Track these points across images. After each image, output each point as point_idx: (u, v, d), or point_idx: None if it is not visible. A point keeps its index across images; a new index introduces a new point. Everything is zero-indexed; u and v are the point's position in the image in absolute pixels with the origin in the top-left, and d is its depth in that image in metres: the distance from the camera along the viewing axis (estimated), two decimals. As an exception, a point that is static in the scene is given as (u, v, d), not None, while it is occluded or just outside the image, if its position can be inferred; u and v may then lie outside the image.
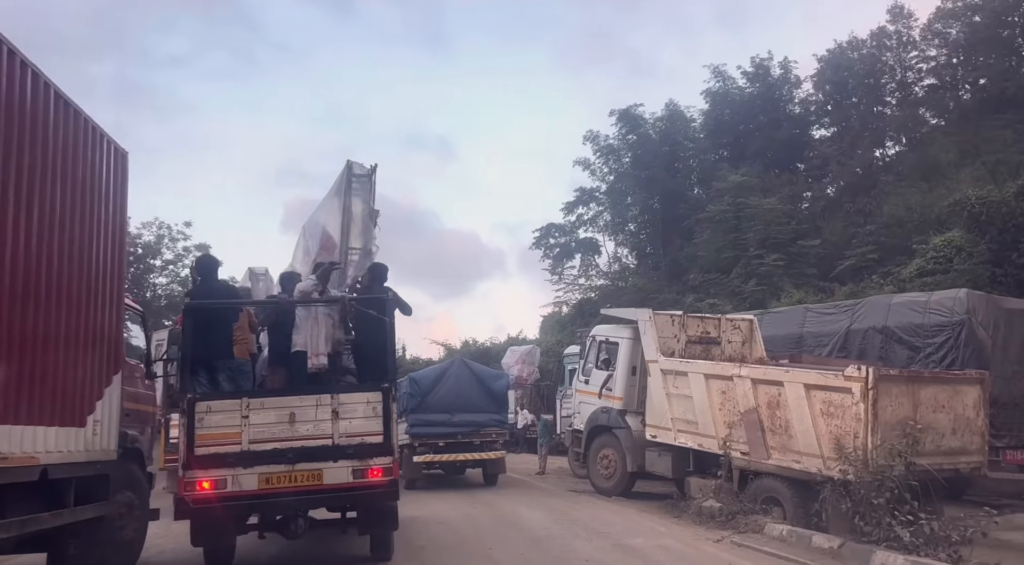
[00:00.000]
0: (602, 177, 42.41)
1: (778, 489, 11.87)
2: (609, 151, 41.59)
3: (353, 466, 7.98)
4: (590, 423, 15.93)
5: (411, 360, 43.29)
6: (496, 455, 17.51)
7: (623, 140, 41.14)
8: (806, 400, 11.45)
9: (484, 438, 17.46)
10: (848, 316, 17.35)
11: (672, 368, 13.94)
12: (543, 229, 43.88)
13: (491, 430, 17.66)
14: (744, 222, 27.32)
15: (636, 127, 40.81)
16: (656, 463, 14.46)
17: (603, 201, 42.77)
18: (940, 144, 33.74)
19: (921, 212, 27.87)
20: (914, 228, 26.85)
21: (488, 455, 17.35)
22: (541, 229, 43.81)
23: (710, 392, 13.15)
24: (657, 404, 14.19)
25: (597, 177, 42.45)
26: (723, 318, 15.64)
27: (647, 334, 14.50)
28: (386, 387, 8.19)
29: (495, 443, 17.73)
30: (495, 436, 17.78)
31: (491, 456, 17.41)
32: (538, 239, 43.96)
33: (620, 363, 15.51)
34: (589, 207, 43.16)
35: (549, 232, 43.94)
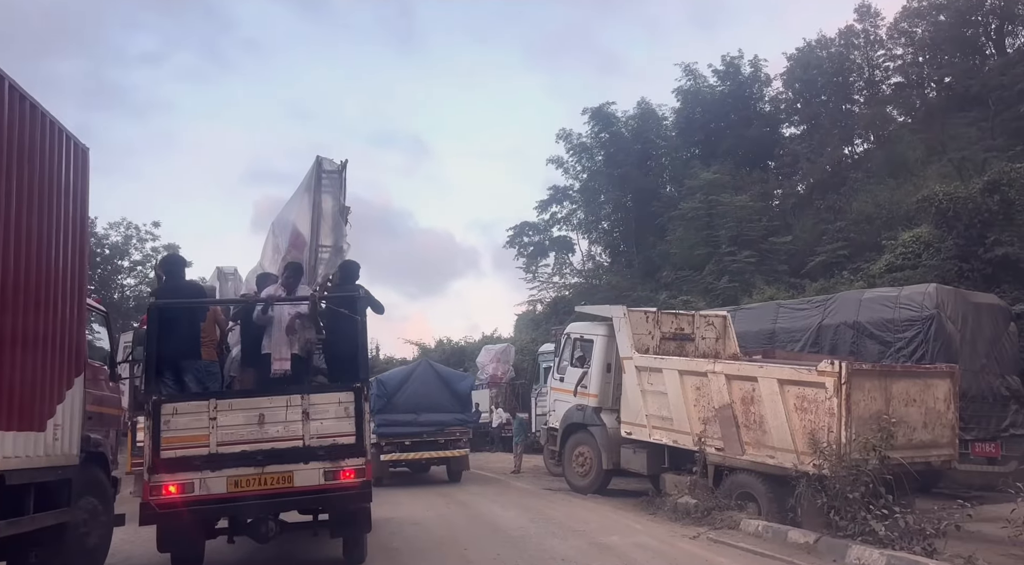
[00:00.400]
0: (575, 175, 42.41)
1: (753, 484, 11.84)
2: (582, 149, 41.57)
3: (325, 468, 7.80)
4: (565, 421, 15.84)
5: (385, 360, 43.01)
6: (460, 453, 17.99)
7: (596, 138, 41.15)
8: (780, 395, 11.42)
9: (448, 437, 17.88)
10: (820, 312, 17.41)
11: (647, 365, 13.88)
12: (517, 227, 43.81)
13: (455, 429, 18.05)
14: (716, 219, 27.40)
15: (608, 125, 40.82)
16: (631, 460, 14.39)
17: (576, 199, 42.77)
18: (907, 141, 34.03)
19: (890, 209, 28.09)
20: (883, 224, 27.06)
21: (452, 453, 17.84)
22: (515, 227, 43.73)
23: (684, 388, 13.10)
24: (632, 401, 14.13)
25: (570, 175, 42.46)
26: (697, 314, 15.62)
27: (622, 331, 14.43)
28: (358, 387, 8.01)
29: (459, 442, 18.12)
30: (459, 435, 18.16)
31: (455, 454, 17.90)
32: (512, 238, 43.88)
33: (595, 360, 15.43)
34: (563, 205, 43.13)
35: (523, 230, 43.86)
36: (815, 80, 38.67)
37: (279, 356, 8.21)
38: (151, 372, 7.68)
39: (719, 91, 40.00)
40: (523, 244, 43.66)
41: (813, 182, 33.07)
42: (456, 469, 18.21)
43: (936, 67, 37.10)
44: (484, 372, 30.26)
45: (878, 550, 8.17)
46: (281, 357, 8.18)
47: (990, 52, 35.82)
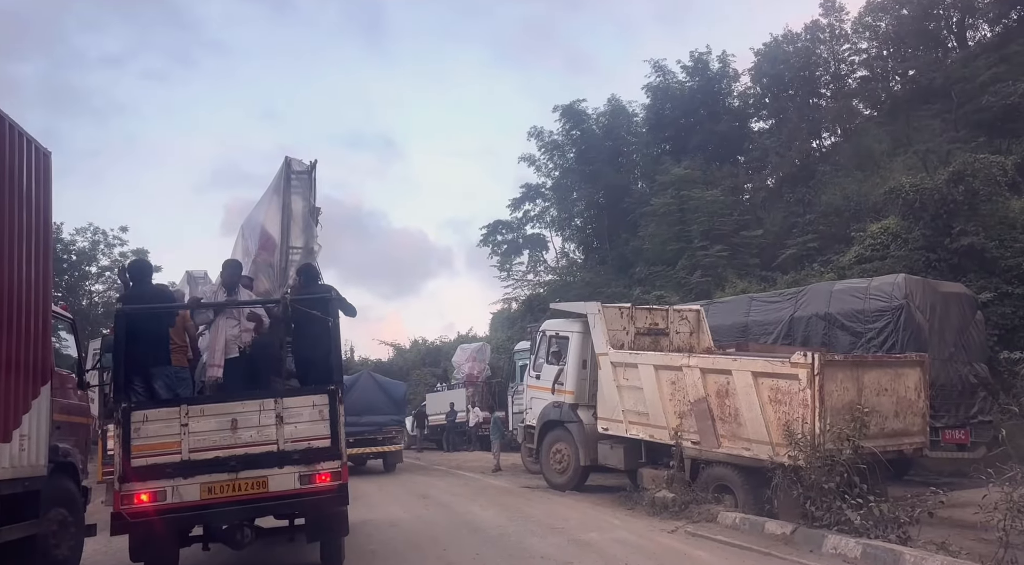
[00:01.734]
0: (547, 173, 42.42)
1: (729, 477, 11.88)
2: (554, 147, 41.59)
3: (300, 472, 7.68)
4: (542, 418, 15.80)
5: (360, 361, 42.79)
6: (395, 448, 21.64)
7: (567, 135, 41.19)
8: (754, 388, 11.46)
9: (386, 435, 21.33)
10: (791, 304, 17.52)
11: (622, 360, 13.87)
12: (490, 226, 43.74)
13: (391, 428, 21.61)
14: (688, 214, 27.52)
15: (580, 122, 40.89)
16: (609, 456, 14.38)
17: (549, 197, 42.77)
18: (873, 134, 34.41)
19: (857, 201, 28.36)
20: (851, 216, 27.34)
21: (388, 448, 21.39)
22: (488, 226, 43.68)
23: (660, 383, 13.10)
24: (608, 397, 14.11)
25: (543, 173, 42.47)
26: (671, 309, 15.65)
27: (596, 327, 14.41)
28: (332, 389, 7.91)
29: (394, 438, 21.70)
30: (395, 433, 21.76)
31: (391, 449, 21.49)
32: (486, 236, 43.82)
33: (571, 357, 15.40)
34: (535, 203, 43.13)
35: (496, 229, 43.79)
36: (782, 75, 38.94)
37: (212, 361, 8.04)
38: (120, 379, 7.51)
39: (688, 87, 40.18)
40: (497, 242, 43.62)
41: (782, 176, 33.29)
42: (392, 461, 21.79)
43: (900, 60, 37.56)
44: (460, 371, 30.18)
45: (854, 539, 8.23)
46: (214, 363, 8.00)
47: (952, 45, 36.35)
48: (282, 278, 8.70)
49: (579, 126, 40.92)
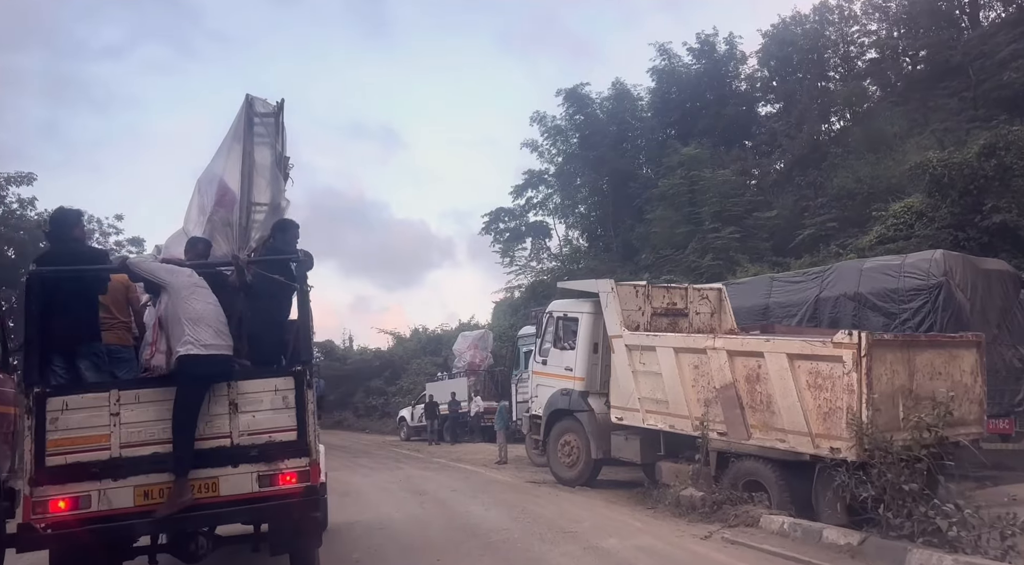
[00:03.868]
0: (550, 159, 40.74)
1: (761, 472, 10.41)
2: (557, 132, 39.92)
3: (259, 471, 6.13)
4: (549, 407, 14.23)
5: (359, 350, 41.32)
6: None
7: (570, 120, 39.52)
8: (790, 372, 9.99)
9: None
10: (817, 284, 15.95)
11: (638, 343, 12.31)
12: (492, 213, 42.10)
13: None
14: (698, 196, 25.88)
15: (583, 107, 39.22)
16: (623, 448, 12.82)
17: (552, 183, 41.12)
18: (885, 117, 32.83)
19: (871, 183, 26.84)
20: (864, 200, 25.82)
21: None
22: (490, 214, 42.02)
23: (681, 368, 11.56)
24: (623, 383, 12.55)
25: (545, 159, 40.78)
26: (690, 288, 14.08)
27: (609, 307, 12.84)
28: (299, 371, 6.33)
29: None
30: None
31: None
32: (488, 224, 42.16)
33: (580, 340, 13.83)
34: (538, 190, 41.46)
35: (499, 216, 42.16)
36: (790, 57, 37.37)
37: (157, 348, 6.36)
38: (33, 358, 5.94)
39: (695, 70, 38.51)
40: (499, 230, 41.97)
41: (793, 159, 31.69)
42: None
43: (911, 41, 35.88)
44: (461, 360, 28.60)
45: (950, 556, 6.58)
46: (158, 349, 6.33)
47: (965, 25, 34.65)
48: (243, 239, 7.11)
49: (583, 110, 39.24)
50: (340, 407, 37.50)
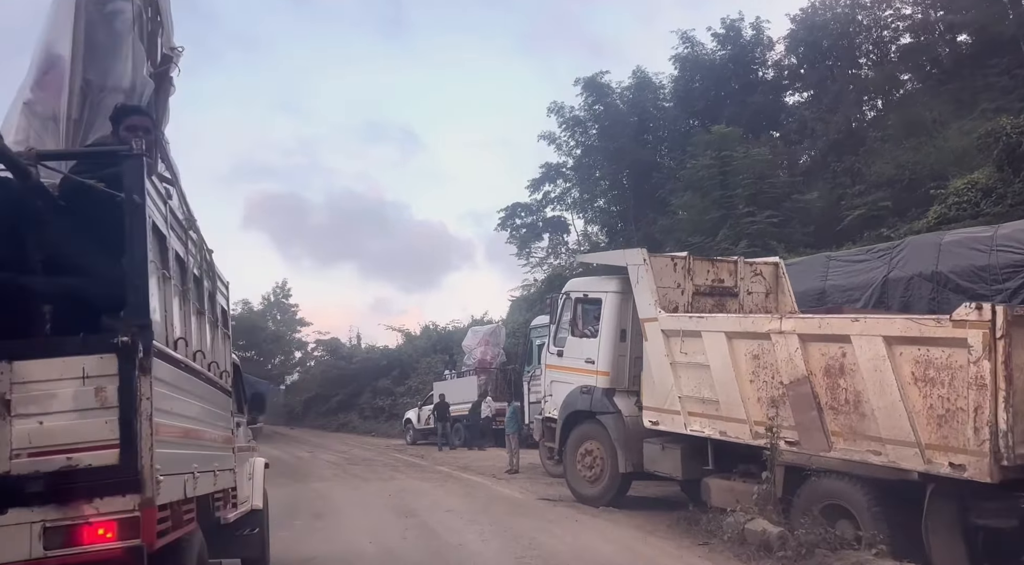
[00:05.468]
0: (568, 151, 37.80)
1: (847, 494, 7.57)
2: (575, 123, 36.98)
3: (44, 521, 3.29)
4: (566, 408, 11.32)
5: (367, 348, 38.60)
6: (257, 425, 25.30)
7: (589, 111, 36.59)
8: (888, 361, 7.18)
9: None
10: (884, 262, 13.03)
11: (678, 327, 9.40)
12: (508, 209, 39.23)
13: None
14: (730, 178, 22.83)
15: (603, 96, 36.28)
16: (659, 460, 9.88)
17: (570, 177, 38.16)
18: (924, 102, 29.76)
19: (913, 169, 23.81)
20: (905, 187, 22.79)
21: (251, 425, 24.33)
22: (506, 209, 39.14)
23: (736, 358, 8.67)
24: (658, 378, 9.65)
25: (563, 152, 37.84)
26: (740, 261, 11.09)
27: (641, 283, 9.92)
28: (127, 343, 3.46)
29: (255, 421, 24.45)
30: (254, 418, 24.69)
31: (253, 426, 24.38)
32: (504, 219, 39.29)
33: (605, 326, 10.89)
34: (556, 184, 38.54)
35: (515, 212, 39.29)
36: (820, 43, 34.29)
37: None
38: None
39: (719, 57, 35.49)
40: (515, 226, 39.06)
41: (827, 144, 28.64)
42: (255, 434, 24.94)
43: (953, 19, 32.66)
44: (471, 357, 25.65)
45: None
46: None
47: (1007, 0, 31.45)
48: (76, 137, 4.28)
49: (602, 101, 36.30)
50: (345, 409, 34.78)
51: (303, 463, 18.80)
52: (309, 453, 21.57)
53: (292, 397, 41.69)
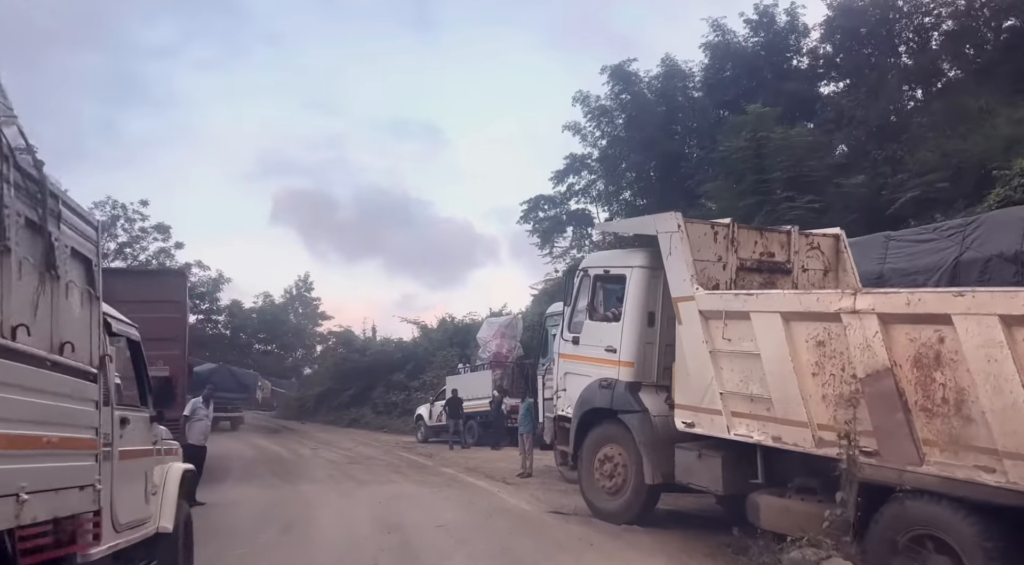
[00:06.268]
0: (593, 142, 35.72)
1: (944, 522, 5.66)
2: (601, 113, 34.89)
3: None
4: (582, 405, 9.36)
5: (382, 341, 36.75)
6: (237, 415, 29.58)
7: (616, 100, 34.48)
8: (1008, 349, 5.27)
9: (233, 407, 28.67)
10: (956, 242, 10.95)
11: (721, 308, 7.45)
12: (531, 201, 37.20)
13: (237, 402, 29.50)
14: (766, 161, 20.68)
15: (630, 85, 34.18)
16: (695, 470, 7.92)
17: (595, 169, 36.12)
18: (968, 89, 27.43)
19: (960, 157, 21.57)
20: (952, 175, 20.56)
21: (234, 415, 28.79)
22: (529, 201, 37.09)
23: (795, 345, 6.73)
24: (695, 370, 7.71)
25: (588, 142, 35.76)
26: (794, 232, 9.07)
27: (675, 255, 7.98)
28: None
29: (238, 408, 29.76)
30: (239, 404, 29.98)
31: (235, 415, 29.04)
32: (526, 212, 37.26)
33: (629, 307, 8.91)
34: (580, 176, 36.50)
35: (538, 204, 37.29)
36: (858, 30, 32.01)
37: None
38: None
39: (752, 43, 33.28)
40: (538, 219, 37.09)
41: (869, 131, 26.39)
42: (236, 424, 28.97)
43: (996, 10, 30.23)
44: (486, 350, 23.70)
45: None
46: None
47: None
48: None
49: (629, 89, 34.18)
50: (358, 404, 32.99)
51: (301, 462, 17.10)
52: (312, 450, 19.87)
53: (304, 391, 40.14)
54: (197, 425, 10.84)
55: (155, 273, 22.25)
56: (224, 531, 8.88)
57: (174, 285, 13.26)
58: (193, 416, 10.82)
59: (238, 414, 29.92)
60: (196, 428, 10.81)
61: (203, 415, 10.97)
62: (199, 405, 10.95)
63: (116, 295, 12.63)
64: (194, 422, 10.82)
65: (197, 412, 10.87)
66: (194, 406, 10.86)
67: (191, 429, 10.75)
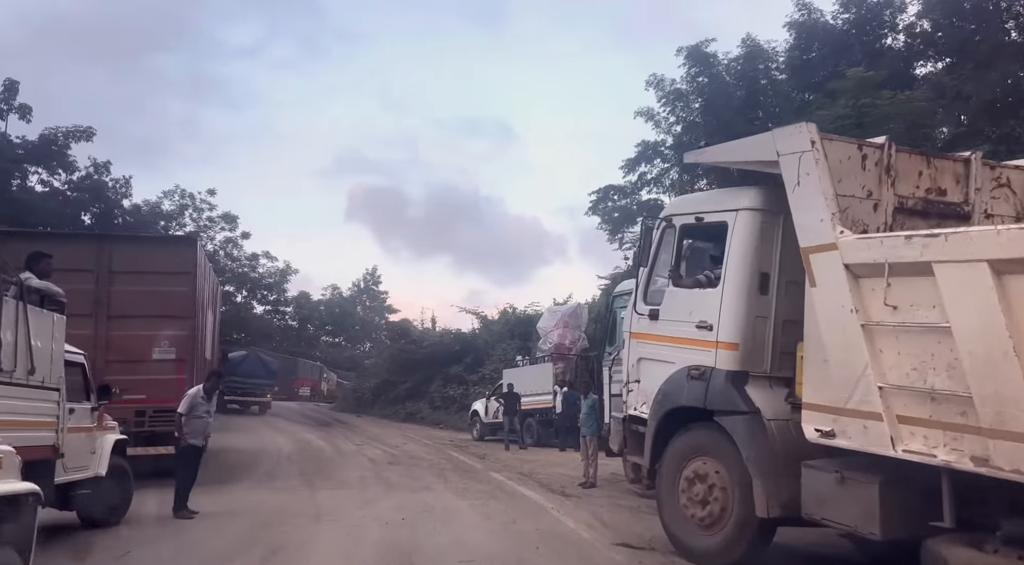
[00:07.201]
0: (667, 129, 32.65)
1: None
2: (676, 97, 31.82)
3: None
4: (663, 403, 6.67)
5: (440, 332, 34.51)
6: (265, 400, 30.91)
7: (692, 83, 31.41)
8: None
9: (260, 392, 30.45)
10: None
11: (882, 258, 4.76)
12: (600, 191, 34.35)
13: (264, 388, 30.84)
14: (870, 130, 17.53)
15: (707, 67, 31.07)
16: (833, 501, 5.18)
17: (669, 157, 33.08)
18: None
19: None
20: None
21: (261, 400, 30.60)
22: (598, 191, 34.22)
23: (1015, 313, 3.97)
24: (836, 354, 5.03)
25: (662, 129, 32.73)
26: (976, 160, 6.18)
27: (807, 185, 5.31)
28: None
29: (266, 393, 31.02)
30: (267, 390, 31.05)
31: (263, 400, 30.67)
32: (595, 203, 34.46)
33: (733, 267, 6.18)
34: (652, 164, 33.50)
35: (607, 195, 34.43)
36: (960, 5, 28.20)
37: None
38: None
39: (842, 20, 29.81)
40: (607, 209, 34.28)
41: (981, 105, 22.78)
42: (263, 408, 30.35)
43: None
44: (547, 340, 21.04)
45: None
46: None
47: None
48: None
49: (707, 72, 31.04)
50: (414, 397, 30.81)
51: (338, 460, 14.92)
52: (356, 446, 17.72)
53: (361, 383, 38.34)
54: (196, 423, 8.58)
55: (160, 240, 18.98)
56: (190, 553, 6.67)
57: (183, 255, 11.13)
58: (192, 412, 8.57)
59: (264, 400, 30.98)
60: (194, 426, 8.56)
61: (204, 411, 8.68)
62: (199, 400, 8.64)
63: (115, 265, 10.48)
64: (192, 419, 8.57)
65: (197, 408, 8.60)
66: (193, 401, 8.56)
67: (187, 427, 8.52)
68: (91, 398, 7.67)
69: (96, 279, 10.59)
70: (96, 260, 10.63)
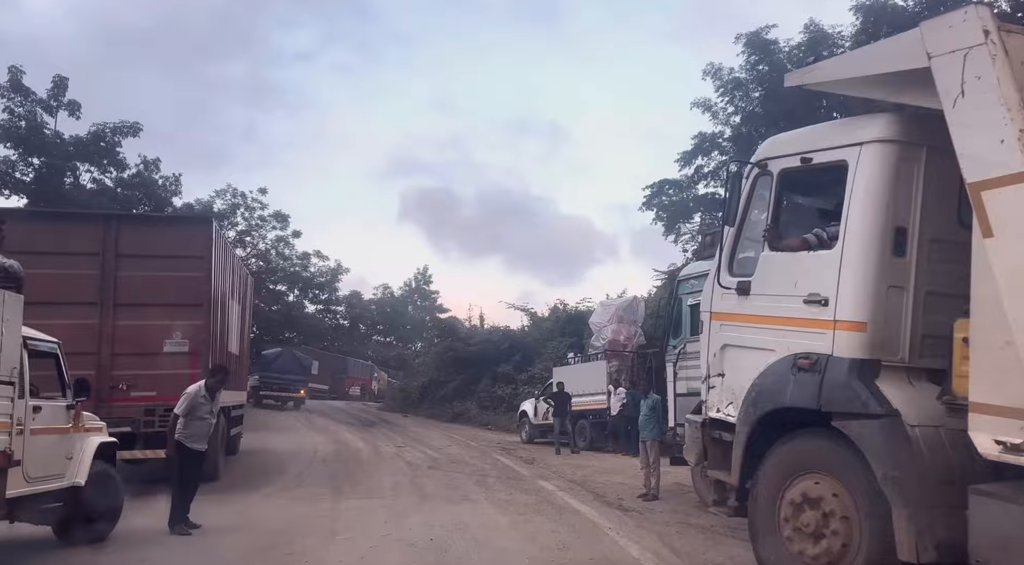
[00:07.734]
0: (725, 119, 30.79)
1: None
2: (735, 86, 29.95)
3: None
4: (759, 403, 5.04)
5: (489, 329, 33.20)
6: (300, 395, 32.08)
7: (752, 71, 29.47)
8: None
9: (295, 388, 31.66)
10: None
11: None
12: (655, 186, 32.60)
13: (299, 384, 31.93)
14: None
15: (768, 54, 29.13)
16: (1019, 545, 3.57)
17: (727, 149, 31.15)
18: None
19: None
20: None
21: (296, 395, 31.75)
22: (652, 186, 32.48)
23: None
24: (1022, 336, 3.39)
25: (719, 120, 30.87)
26: None
27: (978, 94, 3.68)
28: None
29: (299, 389, 31.97)
30: (300, 386, 32.04)
31: (297, 396, 31.86)
32: (649, 198, 32.69)
33: (857, 221, 4.52)
34: (710, 157, 31.61)
35: (662, 189, 32.66)
36: (1045, -20, 25.60)
37: None
38: None
39: (913, 1, 27.47)
40: (662, 204, 32.49)
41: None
42: (297, 404, 31.83)
43: None
44: (600, 336, 19.35)
45: None
46: None
47: None
48: None
49: (767, 59, 29.12)
50: (462, 397, 29.43)
51: (375, 463, 13.63)
52: (397, 448, 16.42)
53: (408, 381, 37.27)
54: (197, 425, 7.27)
55: (172, 220, 15.90)
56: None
57: (197, 237, 9.88)
58: (192, 414, 7.24)
59: (299, 395, 31.72)
60: (196, 428, 7.25)
61: (206, 412, 7.35)
62: (201, 400, 7.28)
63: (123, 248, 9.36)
64: (193, 420, 7.25)
65: (198, 409, 7.27)
66: (193, 401, 7.21)
67: (187, 429, 7.21)
68: (67, 394, 6.50)
69: (102, 263, 9.47)
70: (102, 242, 9.49)
